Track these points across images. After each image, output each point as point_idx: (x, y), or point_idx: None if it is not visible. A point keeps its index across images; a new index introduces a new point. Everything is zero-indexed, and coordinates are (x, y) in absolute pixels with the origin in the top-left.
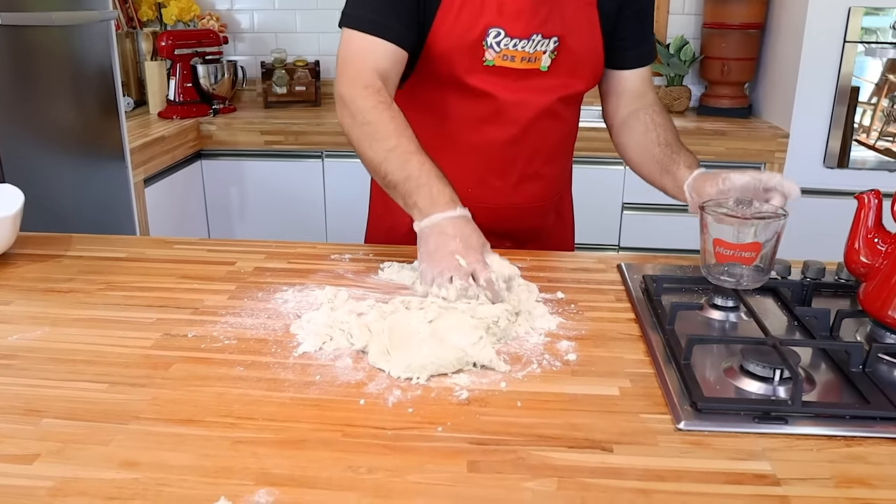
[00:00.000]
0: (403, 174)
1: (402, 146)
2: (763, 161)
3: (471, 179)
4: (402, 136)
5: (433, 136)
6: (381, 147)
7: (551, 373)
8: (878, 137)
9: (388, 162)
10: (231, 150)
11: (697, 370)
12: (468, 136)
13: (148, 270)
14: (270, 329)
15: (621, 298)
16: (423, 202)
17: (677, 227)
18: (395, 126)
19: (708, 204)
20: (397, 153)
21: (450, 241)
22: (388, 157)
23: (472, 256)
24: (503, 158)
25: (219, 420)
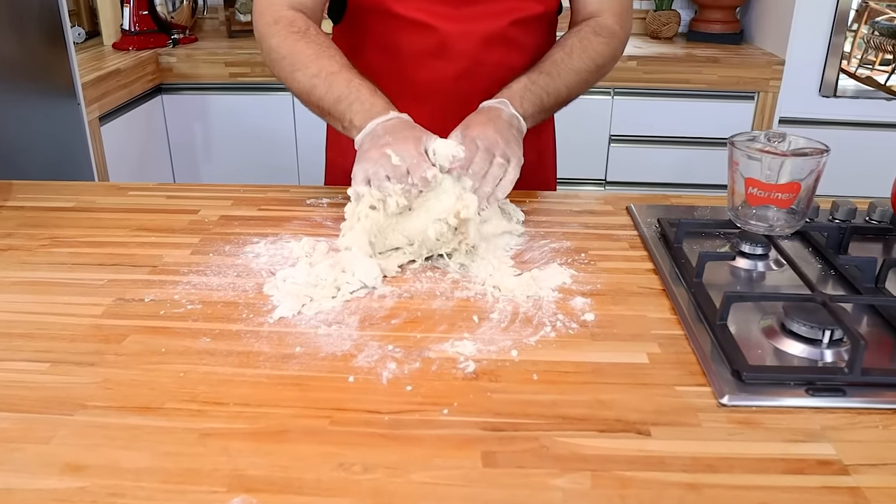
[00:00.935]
0: (333, 97)
1: (324, 69)
2: (757, 90)
3: (427, 120)
4: (322, 57)
5: (385, 75)
6: (304, 76)
7: (568, 337)
8: (859, 65)
9: (315, 89)
10: (193, 83)
11: (732, 327)
12: (417, 72)
13: (99, 222)
14: (240, 290)
15: (636, 245)
16: (358, 118)
17: (667, 160)
18: (313, 51)
19: (738, 138)
20: (321, 77)
21: (379, 139)
22: (314, 83)
23: (406, 149)
24: (457, 95)
25: (182, 407)
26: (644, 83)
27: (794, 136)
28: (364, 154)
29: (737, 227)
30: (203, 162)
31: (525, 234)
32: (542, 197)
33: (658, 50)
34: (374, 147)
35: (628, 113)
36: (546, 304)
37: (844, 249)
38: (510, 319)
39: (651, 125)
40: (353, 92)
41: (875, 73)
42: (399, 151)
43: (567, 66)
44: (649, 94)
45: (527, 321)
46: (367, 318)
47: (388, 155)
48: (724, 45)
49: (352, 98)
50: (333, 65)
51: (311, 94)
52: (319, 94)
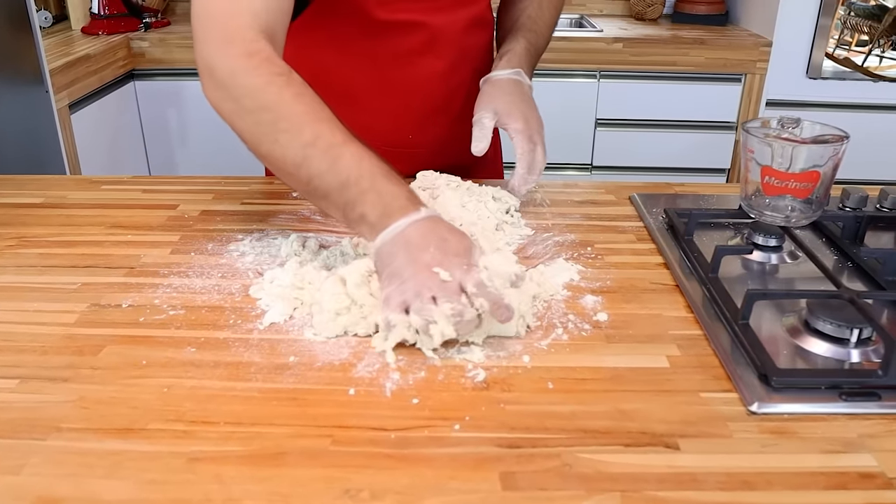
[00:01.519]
0: (336, 179)
1: (323, 137)
2: (744, 72)
3: (411, 123)
4: (320, 120)
5: (359, 79)
6: (294, 143)
7: (581, 340)
8: (836, 45)
9: (310, 163)
10: (167, 68)
11: (754, 326)
12: (396, 72)
13: (70, 219)
14: (226, 292)
15: (643, 237)
16: (373, 213)
17: (654, 143)
18: (306, 108)
19: (751, 125)
20: (320, 149)
21: (421, 252)
22: (308, 155)
23: (456, 264)
24: (445, 90)
25: (167, 427)
26: (630, 66)
27: (809, 121)
28: (400, 270)
29: (749, 217)
30: (179, 150)
31: (527, 225)
32: (539, 186)
33: (643, 32)
34: (414, 262)
35: (614, 96)
36: (555, 303)
37: (861, 240)
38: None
39: (638, 108)
40: (365, 175)
41: (852, 53)
42: (451, 265)
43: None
44: (635, 76)
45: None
46: None
47: (437, 273)
48: (709, 27)
49: (363, 184)
50: (335, 132)
51: (300, 167)
52: (315, 171)
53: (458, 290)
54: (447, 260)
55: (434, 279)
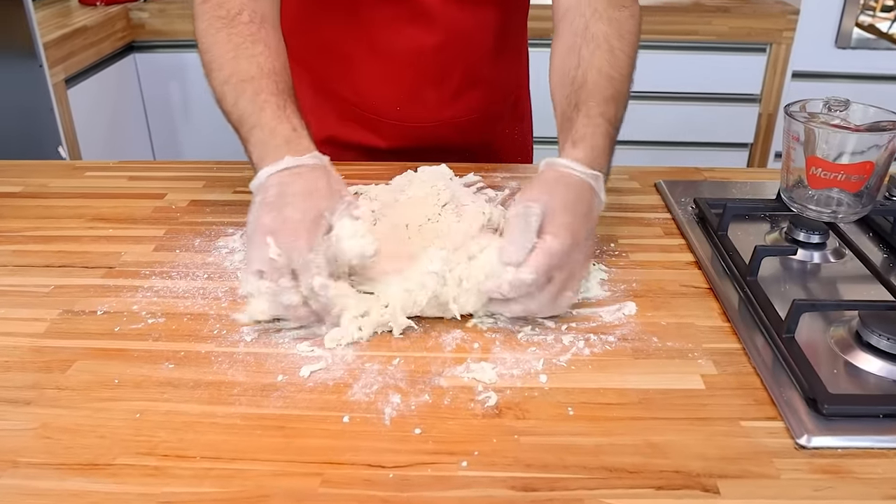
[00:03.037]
0: (237, 114)
1: (237, 73)
2: (770, 41)
3: (399, 94)
4: (240, 58)
5: (350, 42)
6: (217, 80)
7: (605, 355)
8: (860, 11)
9: (224, 98)
10: (168, 40)
11: (801, 341)
12: (390, 41)
13: (49, 210)
14: (211, 297)
15: (671, 231)
16: (255, 152)
17: (672, 116)
18: (232, 46)
19: (794, 108)
20: (231, 84)
21: (265, 212)
22: (224, 91)
23: (289, 237)
24: (437, 65)
25: (136, 463)
26: (648, 35)
27: (861, 104)
28: (249, 227)
29: (790, 209)
30: (182, 125)
31: None
32: None
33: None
34: (256, 224)
35: None
36: (576, 311)
37: None
38: (534, 331)
39: (655, 80)
40: (256, 111)
41: (876, 20)
42: (283, 237)
43: (620, 75)
44: (654, 46)
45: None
46: None
47: (267, 244)
48: None
49: (252, 120)
50: (250, 68)
51: (220, 102)
52: (226, 107)
53: (285, 273)
54: (285, 229)
55: (264, 250)
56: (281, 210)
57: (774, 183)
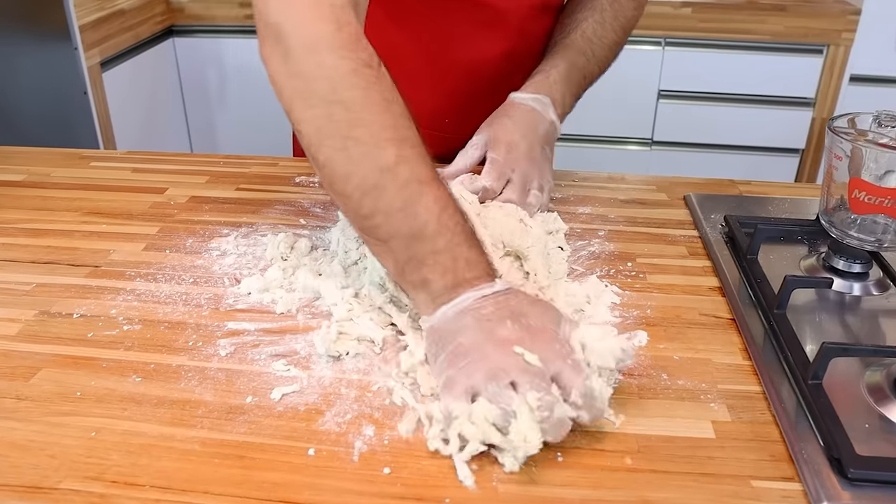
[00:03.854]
0: (407, 226)
1: (408, 166)
2: (827, 42)
3: (452, 107)
4: (406, 143)
5: (407, 55)
6: (369, 160)
7: None
8: None
9: (381, 193)
10: (208, 25)
11: (829, 388)
12: (452, 53)
13: (46, 202)
14: (193, 303)
15: (696, 251)
16: (441, 281)
17: (721, 119)
18: (394, 121)
19: (839, 122)
20: (399, 180)
21: (496, 326)
22: (382, 183)
23: (545, 345)
24: (497, 75)
25: (82, 489)
26: (699, 33)
27: None
28: (469, 348)
29: (829, 234)
30: (219, 113)
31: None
32: (579, 180)
33: None
34: (488, 338)
35: (680, 66)
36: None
37: None
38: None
39: (705, 80)
40: (445, 234)
41: None
42: (534, 346)
43: (601, 42)
44: (705, 45)
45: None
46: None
47: (519, 353)
48: None
49: (439, 244)
50: (422, 165)
51: (367, 194)
52: (384, 207)
53: (547, 381)
54: (532, 337)
55: (515, 361)
56: (518, 320)
57: (816, 201)
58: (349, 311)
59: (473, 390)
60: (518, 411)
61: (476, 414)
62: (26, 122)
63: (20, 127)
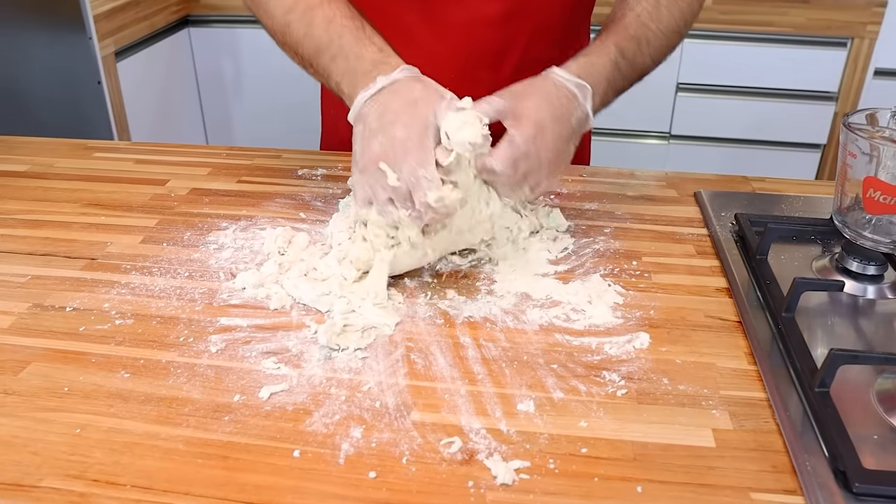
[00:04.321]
0: (312, 46)
1: (301, 1)
2: (851, 35)
3: (451, 73)
4: None
5: (401, 10)
6: (278, 9)
7: (604, 397)
8: None
9: (290, 30)
10: (225, 15)
11: (837, 397)
12: (447, 11)
13: (47, 193)
14: (187, 298)
15: (704, 250)
16: (345, 83)
17: (741, 113)
18: None
19: (855, 118)
20: (297, 13)
21: (371, 138)
22: (288, 21)
23: (404, 156)
24: (495, 40)
25: (63, 487)
26: (720, 24)
27: None
28: (357, 157)
29: (843, 235)
30: (235, 103)
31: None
32: (588, 175)
33: None
34: (365, 152)
35: (700, 58)
36: (580, 342)
37: None
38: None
39: (725, 73)
40: (335, 39)
41: None
42: (396, 159)
43: (656, 26)
44: (725, 37)
45: (547, 367)
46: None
47: (383, 171)
48: None
49: (333, 49)
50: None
51: (285, 36)
52: (295, 39)
53: (405, 197)
54: (396, 151)
55: (383, 178)
56: (386, 131)
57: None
58: (348, 305)
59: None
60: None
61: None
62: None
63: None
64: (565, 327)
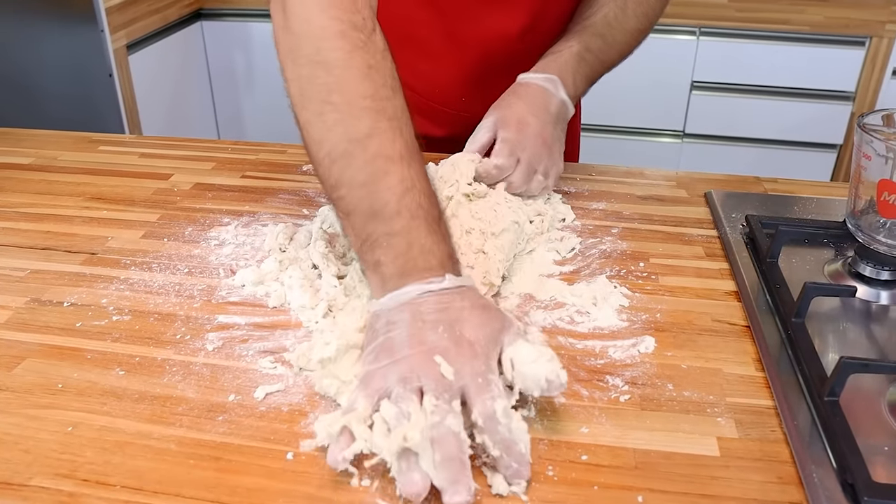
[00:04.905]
0: (368, 202)
1: (379, 138)
2: (869, 34)
3: (467, 84)
4: (383, 115)
5: (423, 24)
6: (340, 128)
7: (606, 403)
8: None
9: (347, 163)
10: (238, 8)
11: (847, 407)
12: (468, 28)
13: (51, 186)
14: (186, 294)
15: (714, 252)
16: (392, 266)
17: (757, 112)
18: (374, 90)
19: (870, 119)
20: (368, 153)
21: (428, 330)
22: (350, 152)
23: (468, 362)
24: (512, 53)
25: (52, 486)
26: (735, 22)
27: None
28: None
29: (856, 238)
30: (247, 98)
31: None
32: (597, 174)
33: None
34: (415, 341)
35: (715, 56)
36: (584, 346)
37: None
38: None
39: (741, 72)
40: (405, 215)
41: None
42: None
43: (621, 27)
44: (741, 35)
45: None
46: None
47: (436, 363)
48: None
49: (396, 226)
50: (395, 140)
51: (335, 163)
52: (348, 179)
53: (455, 395)
54: (458, 349)
55: (431, 368)
56: (451, 327)
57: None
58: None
59: (385, 392)
60: (412, 412)
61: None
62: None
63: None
64: (569, 330)
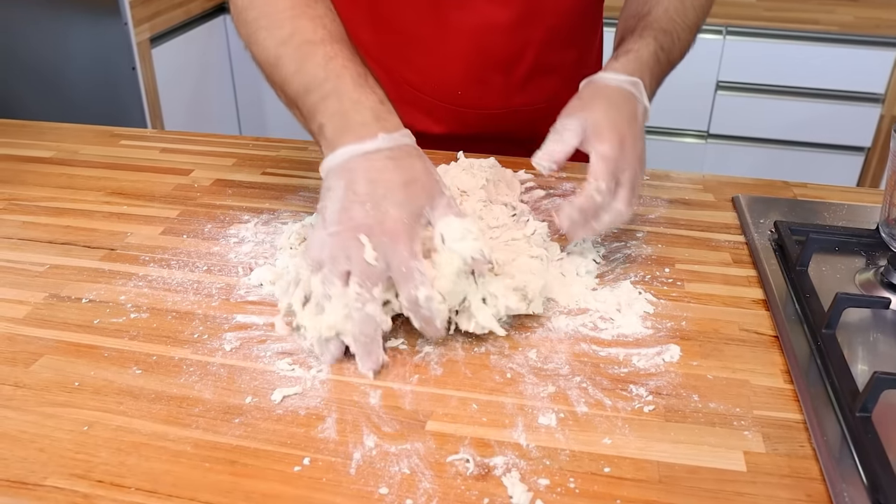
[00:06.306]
0: (302, 81)
1: (301, 33)
2: None
3: (463, 77)
4: (302, 17)
5: (412, 15)
6: (271, 40)
7: (630, 414)
8: None
9: (281, 63)
10: None
11: (879, 423)
12: (458, 17)
13: (71, 180)
14: (204, 293)
15: (741, 259)
16: (331, 124)
17: (784, 113)
18: (291, 3)
19: None
20: (292, 46)
21: (357, 202)
22: (280, 54)
23: (393, 239)
24: (506, 45)
25: (67, 487)
26: (763, 22)
27: None
28: (329, 215)
29: (889, 247)
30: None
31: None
32: None
33: None
34: (344, 215)
35: (742, 56)
36: (608, 353)
37: None
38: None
39: (768, 72)
40: (332, 77)
41: None
42: (381, 238)
43: (683, 22)
44: (769, 35)
45: (571, 378)
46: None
47: (362, 243)
48: None
49: (327, 88)
50: (317, 29)
51: (274, 68)
52: (284, 73)
53: (377, 278)
54: (382, 228)
55: (357, 249)
56: (377, 204)
57: (878, 208)
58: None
59: (319, 264)
60: (333, 296)
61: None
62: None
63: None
64: (592, 336)
